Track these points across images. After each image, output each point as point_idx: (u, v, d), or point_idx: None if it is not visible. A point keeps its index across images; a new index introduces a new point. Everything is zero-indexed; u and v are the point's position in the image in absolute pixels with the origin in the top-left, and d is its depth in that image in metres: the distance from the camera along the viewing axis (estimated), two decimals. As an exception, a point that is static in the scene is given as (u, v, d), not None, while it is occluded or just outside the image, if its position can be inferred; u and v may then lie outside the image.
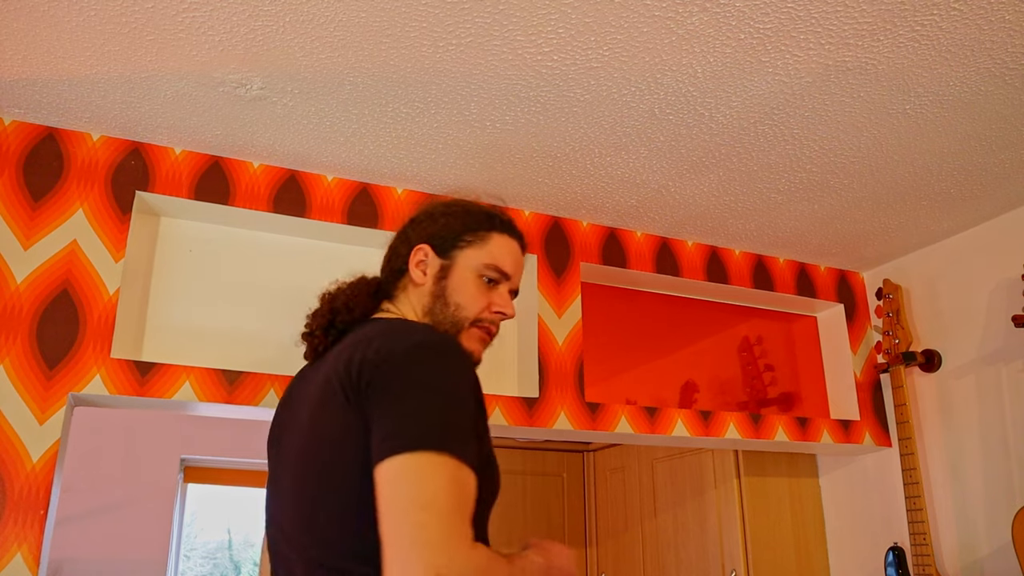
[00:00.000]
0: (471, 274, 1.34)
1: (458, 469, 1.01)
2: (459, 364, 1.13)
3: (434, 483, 0.99)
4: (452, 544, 0.96)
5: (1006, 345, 2.30)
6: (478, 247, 1.35)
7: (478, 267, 1.34)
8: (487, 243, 1.36)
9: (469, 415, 1.09)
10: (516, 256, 1.39)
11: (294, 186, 2.08)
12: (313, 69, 1.67)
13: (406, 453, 1.01)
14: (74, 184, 1.87)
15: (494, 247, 1.36)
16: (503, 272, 1.36)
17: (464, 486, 1.01)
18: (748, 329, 2.76)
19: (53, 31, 1.55)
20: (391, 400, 1.07)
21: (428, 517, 0.96)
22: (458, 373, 1.12)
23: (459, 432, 1.05)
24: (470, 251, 1.35)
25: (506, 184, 2.17)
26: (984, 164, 2.08)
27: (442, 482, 0.99)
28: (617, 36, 1.56)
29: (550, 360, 2.23)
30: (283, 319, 2.04)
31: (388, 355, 1.11)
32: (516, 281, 1.40)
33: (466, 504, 1.01)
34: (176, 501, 3.91)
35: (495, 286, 1.36)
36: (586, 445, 3.60)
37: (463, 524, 0.98)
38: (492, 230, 1.37)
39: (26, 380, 1.72)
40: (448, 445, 1.02)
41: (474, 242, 1.36)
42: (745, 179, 2.15)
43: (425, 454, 1.00)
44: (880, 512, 2.61)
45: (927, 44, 1.59)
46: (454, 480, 1.00)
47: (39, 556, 1.63)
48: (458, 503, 0.99)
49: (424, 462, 1.00)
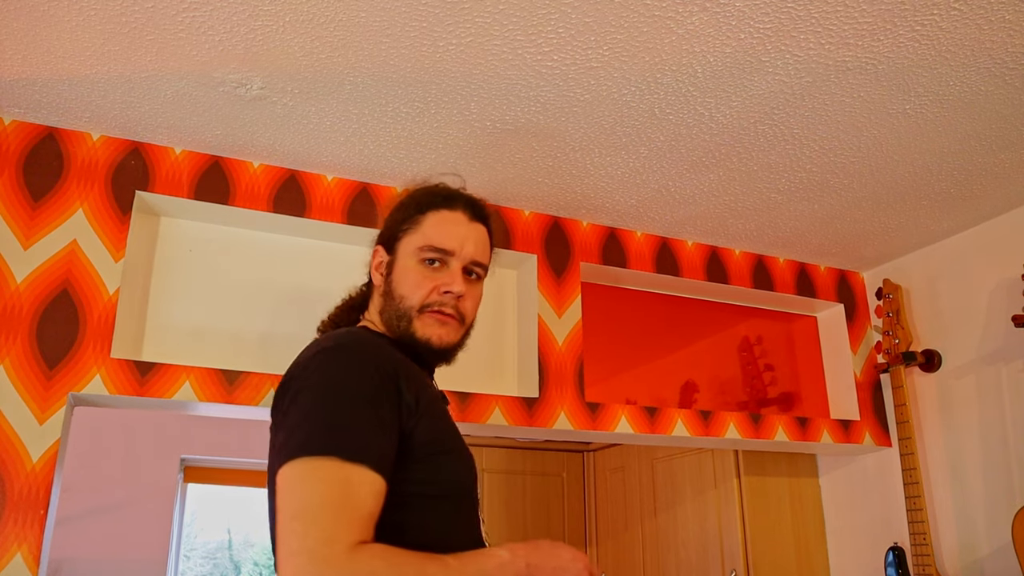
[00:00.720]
0: (411, 261, 1.30)
1: (343, 470, 1.00)
2: (359, 362, 1.12)
3: (309, 490, 0.99)
4: (324, 551, 0.94)
5: (1006, 345, 2.30)
6: (413, 232, 1.31)
7: (414, 252, 1.30)
8: (421, 225, 1.31)
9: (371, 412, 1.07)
10: (457, 228, 1.31)
11: (294, 186, 2.08)
12: (313, 69, 1.67)
13: (289, 462, 1.02)
14: (74, 184, 1.87)
15: (428, 227, 1.30)
16: (441, 249, 1.29)
17: (351, 486, 1.00)
18: (748, 329, 2.76)
19: (53, 31, 1.54)
20: (288, 410, 1.10)
21: (299, 525, 0.96)
22: (356, 371, 1.11)
23: (351, 432, 1.04)
24: (407, 238, 1.31)
25: (506, 184, 2.17)
26: (984, 164, 2.08)
27: (319, 487, 0.99)
28: (617, 36, 1.56)
29: (550, 360, 2.23)
30: (283, 319, 2.04)
31: (295, 367, 1.16)
32: (469, 251, 1.31)
33: (351, 505, 0.99)
34: (176, 501, 3.90)
35: (442, 266, 1.29)
36: (586, 445, 3.60)
37: (341, 527, 0.97)
38: (428, 210, 1.32)
39: (26, 380, 1.72)
40: (332, 448, 1.01)
41: (409, 228, 1.32)
42: (745, 179, 2.15)
43: (305, 460, 1.01)
44: (880, 512, 2.60)
45: (927, 44, 1.59)
46: (337, 482, 0.99)
47: (39, 556, 1.63)
48: (338, 506, 0.98)
49: (301, 469, 1.00)
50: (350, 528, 0.97)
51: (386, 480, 1.05)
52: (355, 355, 1.14)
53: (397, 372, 1.14)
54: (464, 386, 2.14)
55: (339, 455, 1.01)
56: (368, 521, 1.00)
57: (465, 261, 1.31)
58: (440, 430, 1.18)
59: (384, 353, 1.18)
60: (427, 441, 1.13)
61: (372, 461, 1.03)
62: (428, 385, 1.25)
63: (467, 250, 1.30)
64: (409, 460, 1.11)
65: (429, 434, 1.14)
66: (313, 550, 0.94)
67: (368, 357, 1.14)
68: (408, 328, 1.27)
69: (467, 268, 1.31)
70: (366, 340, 1.22)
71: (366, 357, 1.14)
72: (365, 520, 1.00)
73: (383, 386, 1.11)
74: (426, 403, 1.16)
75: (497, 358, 2.27)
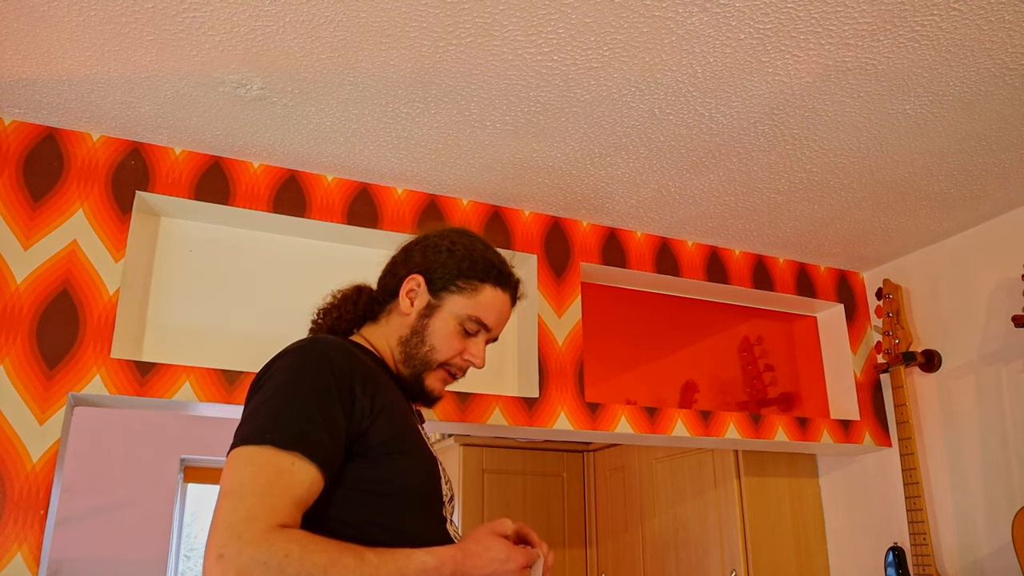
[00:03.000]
0: (453, 320, 1.37)
1: (276, 456, 1.06)
2: (316, 361, 1.17)
3: (243, 472, 1.06)
4: (242, 527, 1.00)
5: (1006, 345, 2.30)
6: (468, 295, 1.38)
7: (462, 316, 1.37)
8: (478, 294, 1.38)
9: (317, 407, 1.12)
10: (503, 310, 1.41)
11: (294, 186, 2.08)
12: (313, 69, 1.67)
13: (233, 450, 1.09)
14: (74, 184, 1.87)
15: (483, 300, 1.38)
16: (484, 325, 1.39)
17: (281, 472, 1.06)
18: (748, 329, 2.76)
19: (53, 31, 1.54)
20: (247, 405, 1.17)
21: (228, 502, 1.03)
22: (312, 369, 1.16)
23: (291, 423, 1.10)
24: (459, 297, 1.37)
25: (506, 184, 2.17)
26: (984, 164, 2.08)
27: (251, 470, 1.05)
28: (617, 36, 1.56)
29: (550, 360, 2.23)
30: (283, 319, 2.04)
31: (263, 368, 1.21)
32: (497, 332, 1.42)
33: (277, 490, 1.04)
34: (176, 501, 3.91)
35: (473, 335, 1.39)
36: (586, 445, 3.60)
37: (263, 508, 1.02)
38: (487, 281, 1.39)
39: (26, 380, 1.72)
40: (269, 438, 1.08)
41: (466, 290, 1.38)
42: (745, 179, 2.15)
43: (244, 448, 1.08)
44: (880, 512, 2.61)
45: (927, 44, 1.59)
46: (267, 467, 1.05)
47: (39, 556, 1.63)
48: (265, 489, 1.03)
49: (240, 455, 1.08)
50: (272, 511, 1.02)
51: (324, 471, 1.09)
52: (314, 355, 1.19)
53: (354, 373, 1.19)
54: (464, 386, 2.14)
55: (274, 444, 1.07)
56: (294, 507, 1.05)
57: (492, 337, 1.42)
58: (396, 432, 1.21)
59: (346, 355, 1.22)
60: (381, 442, 1.17)
61: (306, 450, 1.08)
62: (391, 390, 1.29)
63: (498, 330, 1.42)
64: (363, 459, 1.16)
65: (383, 435, 1.18)
66: (233, 525, 1.00)
67: (327, 358, 1.19)
68: (420, 374, 1.37)
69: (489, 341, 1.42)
70: (331, 343, 1.25)
71: (325, 358, 1.19)
72: (290, 505, 1.05)
73: (336, 384, 1.15)
74: (383, 405, 1.20)
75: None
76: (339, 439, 1.13)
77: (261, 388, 1.17)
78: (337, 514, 1.13)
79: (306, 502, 1.07)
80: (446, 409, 2.05)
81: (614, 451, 3.45)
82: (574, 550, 3.50)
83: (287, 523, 1.03)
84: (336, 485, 1.13)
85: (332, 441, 1.12)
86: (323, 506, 1.11)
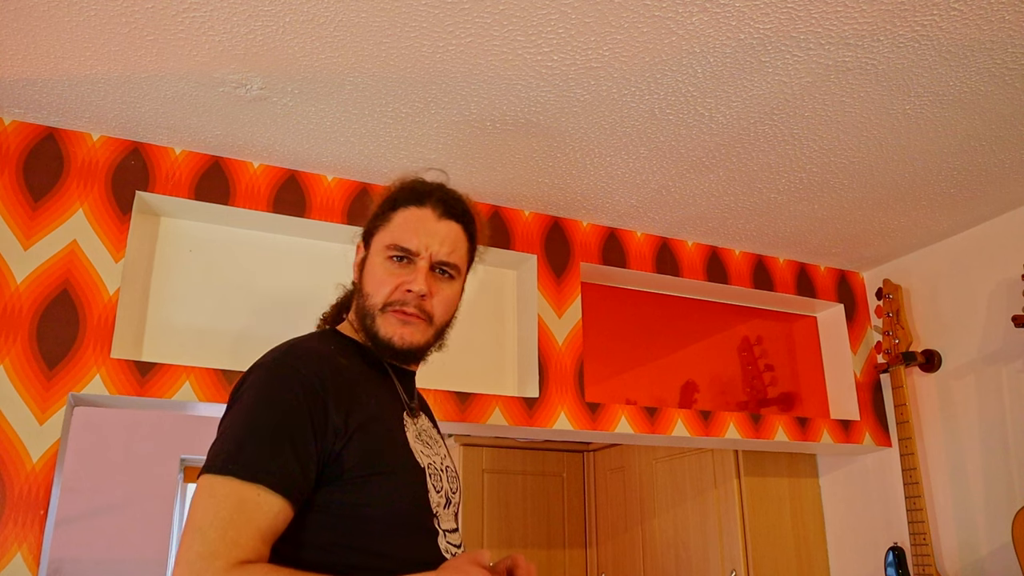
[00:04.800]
0: (378, 258, 1.28)
1: (240, 489, 1.02)
2: (285, 381, 1.12)
3: (205, 504, 1.02)
4: (201, 565, 0.97)
5: (1006, 345, 2.30)
6: (383, 229, 1.30)
7: (382, 249, 1.28)
8: (390, 222, 1.30)
9: (283, 433, 1.07)
10: (422, 225, 1.28)
11: (294, 186, 2.08)
12: (313, 69, 1.67)
13: (200, 477, 1.06)
14: (74, 184, 1.87)
15: (395, 225, 1.29)
16: (404, 248, 1.26)
17: (244, 505, 1.02)
18: (748, 329, 2.76)
19: (53, 31, 1.54)
20: (220, 424, 1.14)
21: (187, 538, 1.00)
22: (280, 391, 1.11)
23: (255, 453, 1.05)
24: (378, 235, 1.30)
25: (506, 184, 2.17)
26: (984, 164, 2.08)
27: (213, 503, 1.02)
28: (617, 36, 1.56)
29: (550, 360, 2.23)
30: (283, 319, 2.04)
31: (239, 381, 1.17)
32: (435, 251, 1.27)
33: (238, 524, 1.01)
34: (176, 501, 3.91)
35: (408, 264, 1.27)
36: (586, 445, 3.60)
37: (223, 544, 0.99)
38: (396, 207, 1.30)
39: (26, 380, 1.72)
40: (231, 467, 1.04)
41: (381, 225, 1.31)
42: (745, 179, 2.15)
43: (208, 477, 1.05)
44: (880, 512, 2.60)
45: (927, 44, 1.59)
46: (231, 499, 1.02)
47: (39, 556, 1.63)
48: (226, 524, 1.00)
49: (204, 485, 1.04)
50: (233, 546, 0.99)
51: (292, 500, 1.05)
52: (283, 374, 1.13)
53: (327, 388, 1.12)
54: (464, 386, 2.14)
55: (237, 475, 1.03)
56: (259, 540, 1.01)
57: (431, 260, 1.27)
58: (375, 450, 1.15)
59: (319, 364, 1.16)
60: (357, 463, 1.11)
61: (271, 482, 1.03)
62: (373, 398, 1.21)
63: (432, 249, 1.27)
64: (338, 482, 1.10)
65: (359, 456, 1.12)
66: (192, 563, 0.98)
67: (298, 374, 1.12)
68: (372, 326, 1.26)
69: (436, 267, 1.28)
70: (306, 352, 1.18)
71: (296, 374, 1.12)
72: (254, 538, 1.01)
73: (308, 403, 1.10)
74: (360, 424, 1.13)
75: (497, 358, 2.27)
76: (309, 465, 1.08)
77: (232, 408, 1.13)
78: (312, 539, 1.09)
79: (273, 533, 1.04)
80: (446, 409, 2.05)
81: (614, 451, 3.45)
82: (574, 550, 3.50)
83: (250, 558, 0.99)
84: (309, 510, 1.09)
85: (301, 467, 1.07)
86: (297, 531, 1.08)
